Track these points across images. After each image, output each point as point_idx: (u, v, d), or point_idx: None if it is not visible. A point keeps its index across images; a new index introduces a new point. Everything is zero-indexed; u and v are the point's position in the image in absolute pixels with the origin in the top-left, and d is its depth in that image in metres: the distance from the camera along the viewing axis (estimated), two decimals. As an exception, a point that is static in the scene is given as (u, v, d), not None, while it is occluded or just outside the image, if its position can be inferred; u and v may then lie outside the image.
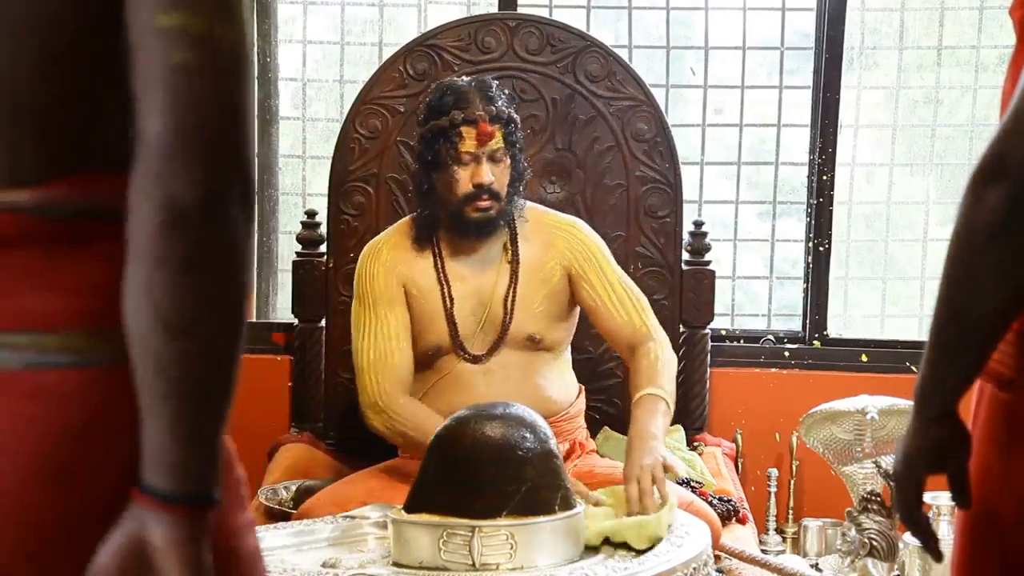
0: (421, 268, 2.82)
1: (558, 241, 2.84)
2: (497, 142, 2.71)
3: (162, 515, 0.96)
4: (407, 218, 2.93)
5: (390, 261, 2.83)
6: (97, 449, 0.98)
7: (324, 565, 2.27)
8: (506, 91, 2.89)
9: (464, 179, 2.70)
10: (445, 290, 2.80)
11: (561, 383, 2.89)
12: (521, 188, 2.82)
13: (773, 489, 3.52)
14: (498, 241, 2.82)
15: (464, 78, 2.85)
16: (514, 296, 2.80)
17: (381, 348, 2.75)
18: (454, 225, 2.77)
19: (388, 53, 3.59)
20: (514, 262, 2.82)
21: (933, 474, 1.37)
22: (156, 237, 0.92)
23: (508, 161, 2.74)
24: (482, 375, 2.80)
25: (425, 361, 2.83)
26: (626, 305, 2.80)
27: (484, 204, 2.71)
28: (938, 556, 1.42)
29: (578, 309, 2.90)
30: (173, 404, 0.94)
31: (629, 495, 2.40)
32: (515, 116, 2.78)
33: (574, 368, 2.98)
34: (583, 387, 3.00)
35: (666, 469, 2.41)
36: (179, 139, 0.91)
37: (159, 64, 0.91)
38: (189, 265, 0.93)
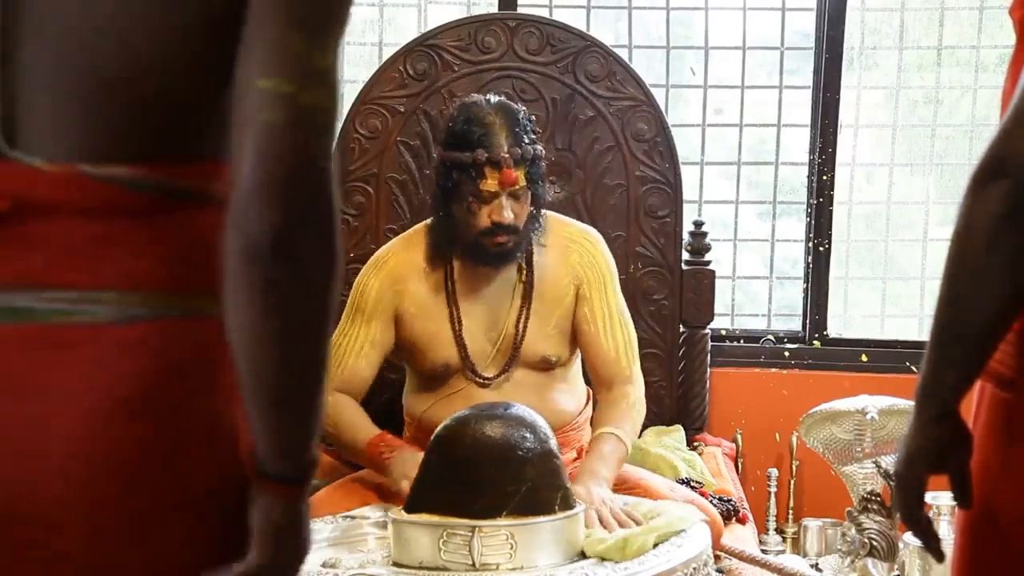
0: (428, 286, 2.77)
1: (572, 255, 2.78)
2: (520, 183, 2.63)
3: (282, 494, 1.17)
4: (422, 226, 2.85)
5: (391, 277, 2.78)
6: (174, 389, 1.14)
7: (324, 565, 2.27)
8: (532, 118, 2.76)
9: (483, 215, 2.63)
10: (454, 312, 2.75)
11: (572, 395, 2.86)
12: (541, 216, 2.73)
13: (773, 489, 3.52)
14: (513, 263, 2.75)
15: (491, 99, 2.72)
16: (527, 318, 2.75)
17: (341, 352, 2.74)
18: (470, 254, 2.71)
19: (388, 53, 3.59)
20: (528, 283, 2.76)
21: (934, 474, 1.37)
22: (236, 266, 1.10)
23: (529, 196, 2.67)
24: (495, 394, 2.74)
25: (434, 378, 2.80)
26: (617, 340, 2.75)
27: (502, 240, 2.64)
28: (939, 556, 1.42)
29: None
30: (273, 407, 1.14)
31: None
32: (539, 150, 2.70)
33: (574, 368, 2.97)
34: (590, 392, 2.97)
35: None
36: (260, 184, 1.07)
37: (252, 118, 1.08)
38: (264, 292, 1.09)
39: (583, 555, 2.27)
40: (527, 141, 2.65)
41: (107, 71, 1.12)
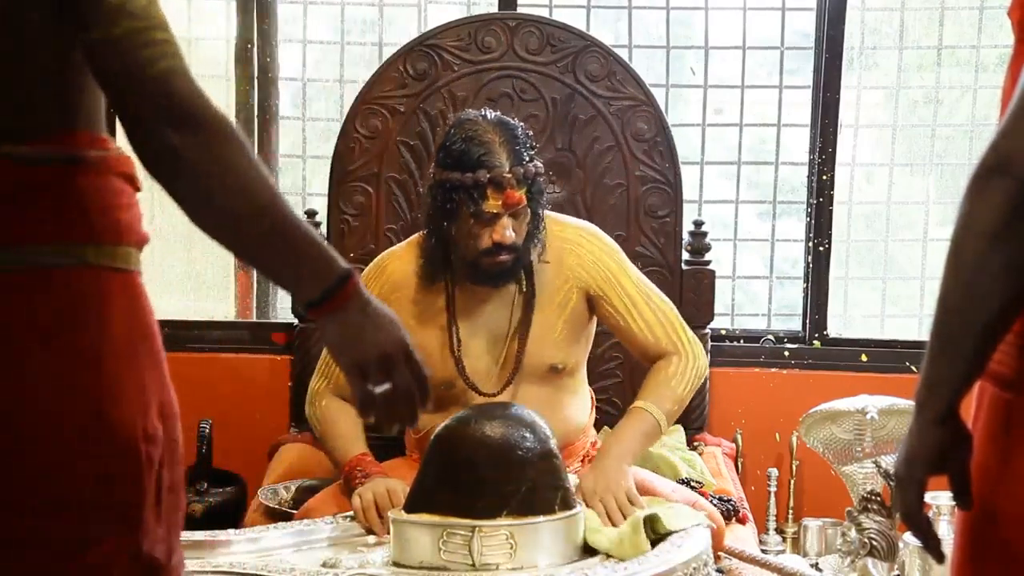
0: (425, 301, 2.72)
1: (570, 259, 2.71)
2: (523, 201, 2.58)
3: (325, 313, 1.41)
4: (404, 250, 2.79)
5: (390, 284, 2.73)
6: (84, 311, 1.36)
7: (324, 565, 2.27)
8: (530, 132, 2.69)
9: (485, 236, 2.57)
10: (453, 332, 2.70)
11: (579, 404, 2.82)
12: (540, 232, 2.67)
13: (773, 489, 3.52)
14: (513, 280, 2.69)
15: (488, 115, 2.63)
16: (527, 330, 2.70)
17: None
18: (468, 274, 2.66)
19: (388, 53, 3.59)
20: (528, 295, 2.71)
21: (934, 475, 1.37)
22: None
23: (528, 213, 2.61)
24: None
25: (439, 393, 2.72)
26: (649, 321, 2.71)
27: (503, 259, 2.59)
28: (939, 557, 1.42)
29: (595, 322, 2.80)
30: (265, 256, 1.41)
31: (596, 512, 2.39)
32: (539, 166, 2.63)
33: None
34: (593, 394, 2.95)
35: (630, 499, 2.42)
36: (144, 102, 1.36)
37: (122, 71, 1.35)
38: (182, 184, 1.36)
39: (585, 550, 2.28)
40: (527, 159, 2.59)
41: None
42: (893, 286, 3.91)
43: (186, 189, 1.35)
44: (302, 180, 3.90)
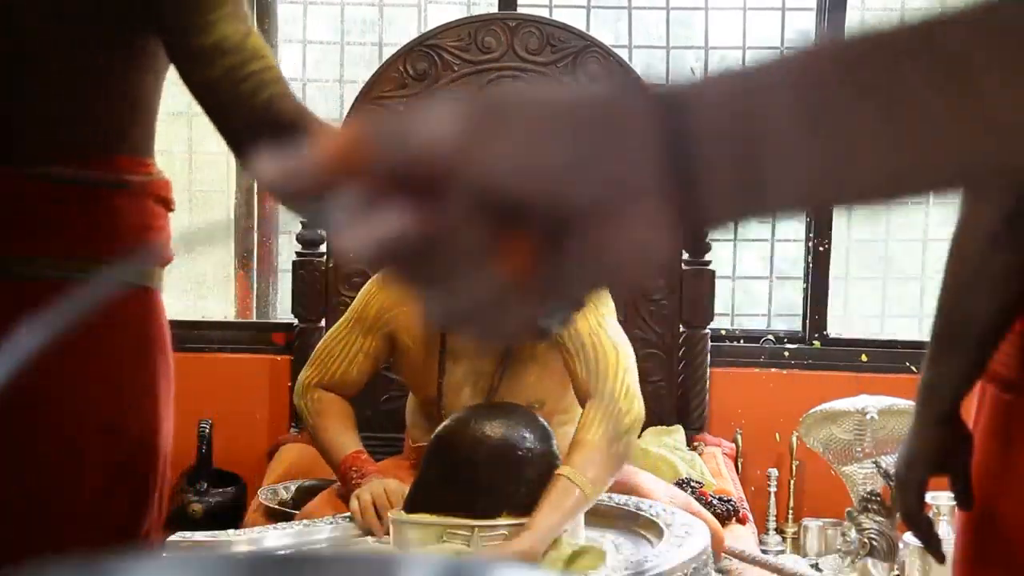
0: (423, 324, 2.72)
1: None
2: None
3: None
4: None
5: (394, 297, 2.70)
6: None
7: (324, 565, 2.27)
8: None
9: None
10: (442, 355, 2.69)
11: (572, 422, 2.66)
12: None
13: (773, 489, 3.52)
14: None
15: None
16: (505, 368, 2.66)
17: (335, 355, 2.71)
18: None
19: (388, 53, 3.59)
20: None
21: (935, 475, 1.37)
22: None
23: None
24: None
25: (428, 406, 2.76)
26: (588, 359, 2.49)
27: None
28: (940, 558, 1.42)
29: None
30: None
31: None
32: None
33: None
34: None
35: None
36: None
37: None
38: None
39: None
40: None
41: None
42: (893, 286, 3.90)
43: None
44: (302, 180, 3.89)
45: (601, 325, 2.57)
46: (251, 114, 1.38)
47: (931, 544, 1.40)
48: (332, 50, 3.86)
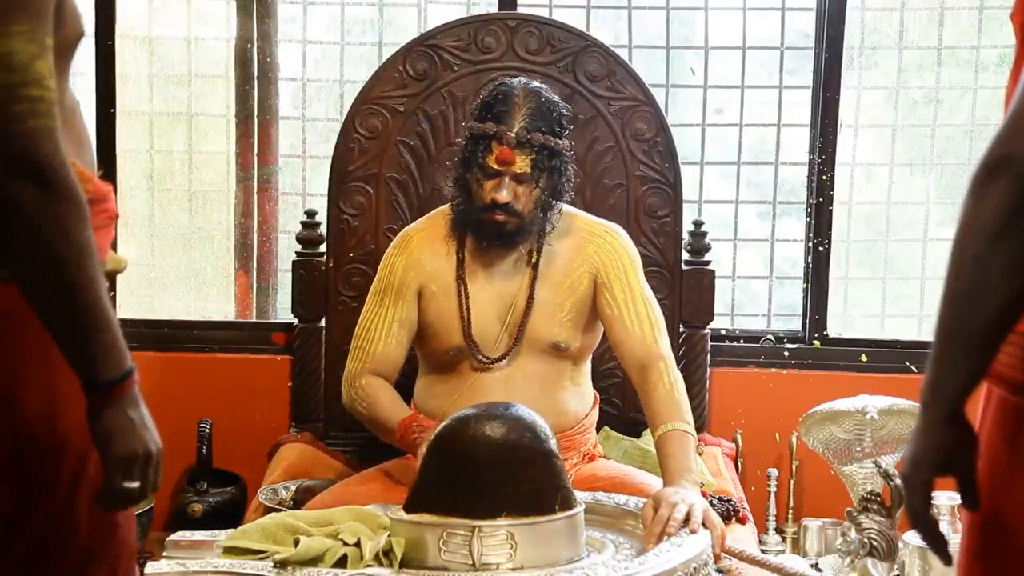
0: (445, 267, 2.80)
1: (589, 247, 2.79)
2: (522, 166, 2.65)
3: (120, 398, 1.47)
4: (446, 207, 2.87)
5: (415, 255, 2.82)
6: None
7: (324, 565, 2.27)
8: (567, 111, 2.78)
9: (486, 190, 2.68)
10: (463, 291, 2.78)
11: (579, 395, 2.86)
12: (553, 212, 2.74)
13: (773, 489, 3.52)
14: (524, 246, 2.77)
15: (527, 82, 2.76)
16: (531, 301, 2.77)
17: (372, 333, 2.80)
18: (475, 228, 2.75)
19: (388, 53, 3.59)
20: (534, 268, 2.78)
21: (941, 476, 1.37)
22: None
23: (537, 184, 2.68)
24: (503, 383, 2.76)
25: (446, 363, 2.81)
26: (642, 320, 2.74)
27: (500, 219, 2.68)
28: (947, 560, 1.41)
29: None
30: (71, 326, 1.44)
31: (656, 516, 2.33)
32: (557, 143, 2.69)
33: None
34: (597, 396, 2.97)
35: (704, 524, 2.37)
36: None
37: None
38: (17, 235, 1.39)
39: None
40: (545, 129, 2.67)
41: None
42: (893, 286, 3.90)
43: (19, 240, 1.39)
44: (302, 180, 3.90)
45: (648, 288, 2.82)
46: (12, 138, 1.36)
47: (937, 546, 1.40)
48: (332, 50, 3.86)
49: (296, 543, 2.19)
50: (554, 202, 2.74)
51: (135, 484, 1.49)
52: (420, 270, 2.81)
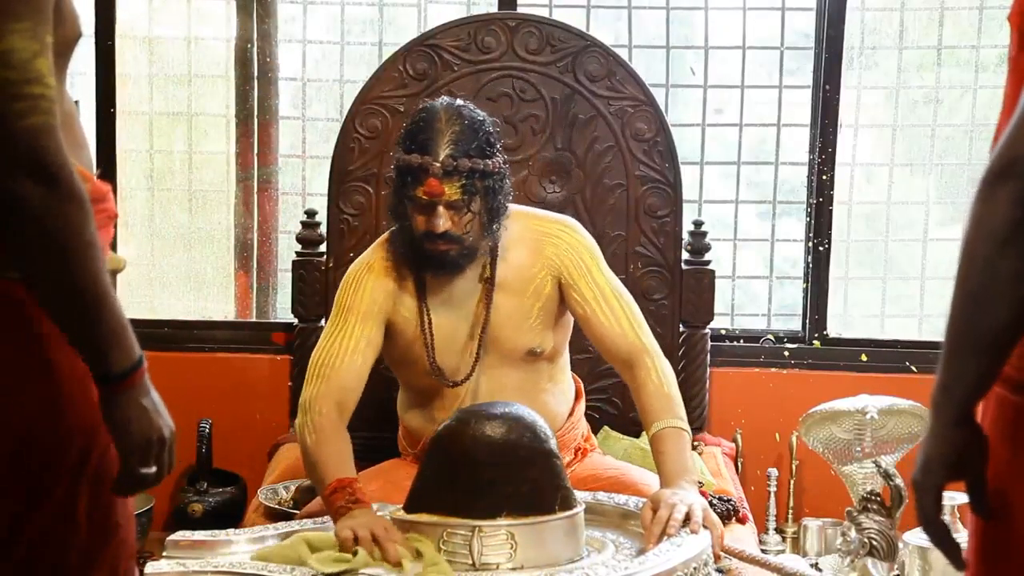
0: (407, 298, 2.71)
1: (547, 248, 2.72)
2: (452, 194, 2.54)
3: (132, 387, 1.49)
4: (383, 238, 2.78)
5: (382, 280, 2.70)
6: None
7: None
8: (494, 128, 2.64)
9: (419, 221, 2.58)
10: (426, 320, 2.70)
11: (561, 393, 2.83)
12: (496, 227, 2.64)
13: (773, 489, 3.52)
14: (477, 263, 2.68)
15: (452, 103, 2.63)
16: (490, 316, 2.69)
17: (333, 354, 2.63)
18: (419, 258, 2.65)
19: (388, 53, 3.59)
20: (488, 283, 2.70)
21: (951, 480, 1.36)
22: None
23: (469, 209, 2.57)
24: (485, 399, 2.68)
25: (424, 384, 2.77)
26: (617, 314, 2.69)
27: (442, 248, 2.58)
28: (959, 564, 1.40)
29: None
30: (80, 321, 1.45)
31: (655, 517, 2.32)
32: (487, 163, 2.57)
33: (574, 368, 2.95)
34: (581, 385, 2.96)
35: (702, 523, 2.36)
36: None
37: None
38: (22, 232, 1.40)
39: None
40: (472, 152, 2.55)
41: None
42: (893, 286, 3.90)
43: (25, 237, 1.39)
44: (302, 180, 3.90)
45: (613, 279, 2.76)
46: (13, 135, 1.35)
47: (949, 550, 1.39)
48: (332, 50, 3.86)
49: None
50: (494, 220, 2.63)
51: (152, 469, 1.52)
52: (388, 297, 2.69)
